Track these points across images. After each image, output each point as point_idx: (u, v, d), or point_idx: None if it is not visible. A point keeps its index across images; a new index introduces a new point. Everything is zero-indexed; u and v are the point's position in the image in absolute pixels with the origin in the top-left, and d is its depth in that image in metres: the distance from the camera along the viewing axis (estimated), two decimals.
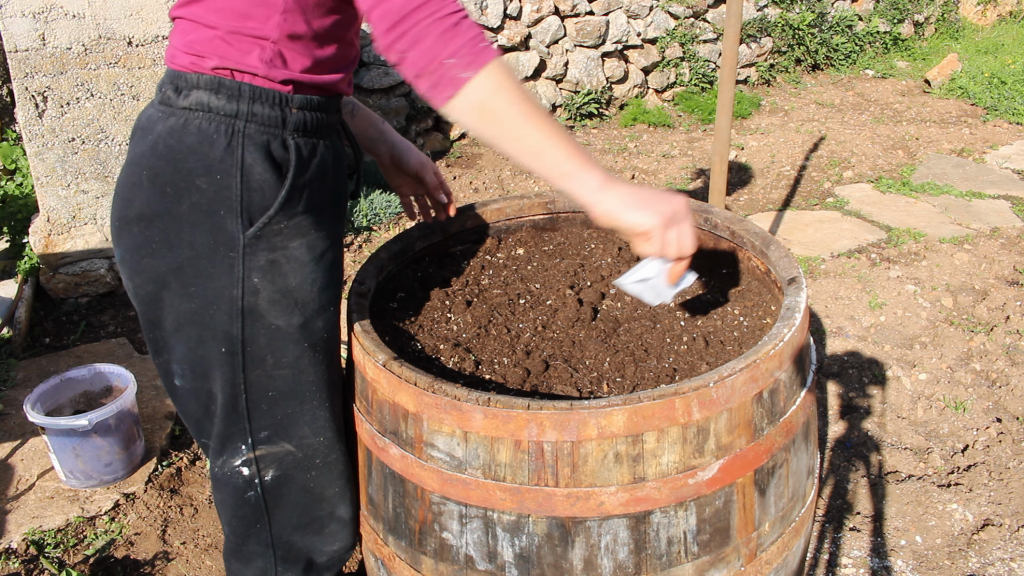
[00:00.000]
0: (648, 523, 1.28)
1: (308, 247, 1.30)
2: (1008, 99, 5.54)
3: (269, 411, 1.36)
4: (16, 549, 2.16)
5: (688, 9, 5.46)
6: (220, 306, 1.28)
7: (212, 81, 1.22)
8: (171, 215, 1.25)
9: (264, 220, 1.24)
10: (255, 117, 1.22)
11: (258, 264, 1.26)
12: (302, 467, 1.43)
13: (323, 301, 1.34)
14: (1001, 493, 2.29)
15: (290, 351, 1.33)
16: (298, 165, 1.26)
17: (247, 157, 1.22)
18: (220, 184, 1.22)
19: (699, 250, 1.81)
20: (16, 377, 2.83)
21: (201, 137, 1.22)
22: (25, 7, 2.91)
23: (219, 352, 1.31)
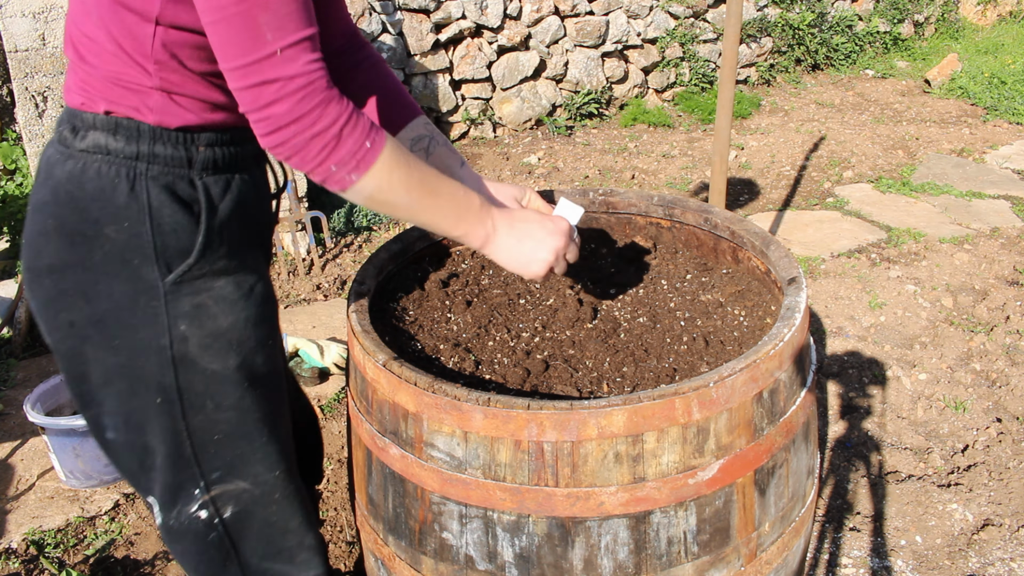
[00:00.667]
0: (648, 523, 1.28)
1: (235, 284, 1.24)
2: (1008, 99, 5.54)
3: (217, 453, 1.30)
4: (16, 549, 2.16)
5: (688, 9, 5.46)
6: (149, 357, 1.21)
7: (109, 122, 1.15)
8: (83, 266, 1.17)
9: (184, 268, 1.19)
10: (157, 158, 1.15)
11: (183, 310, 1.20)
12: (261, 503, 1.38)
13: (260, 337, 1.28)
14: (1001, 493, 2.29)
15: (231, 393, 1.27)
16: (209, 207, 1.20)
17: (153, 201, 1.15)
18: (130, 231, 1.15)
19: (699, 250, 1.81)
20: (16, 377, 2.84)
21: (102, 182, 1.14)
22: (25, 7, 2.91)
23: (154, 403, 1.24)
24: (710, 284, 1.70)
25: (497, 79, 4.95)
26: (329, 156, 1.07)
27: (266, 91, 1.03)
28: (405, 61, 4.68)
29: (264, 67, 1.02)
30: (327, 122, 1.06)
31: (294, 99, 1.04)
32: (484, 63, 4.86)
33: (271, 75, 1.02)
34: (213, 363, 1.24)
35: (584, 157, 4.78)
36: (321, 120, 1.06)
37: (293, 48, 1.03)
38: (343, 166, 1.09)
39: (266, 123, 1.05)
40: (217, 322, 1.23)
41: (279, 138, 1.06)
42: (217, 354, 1.24)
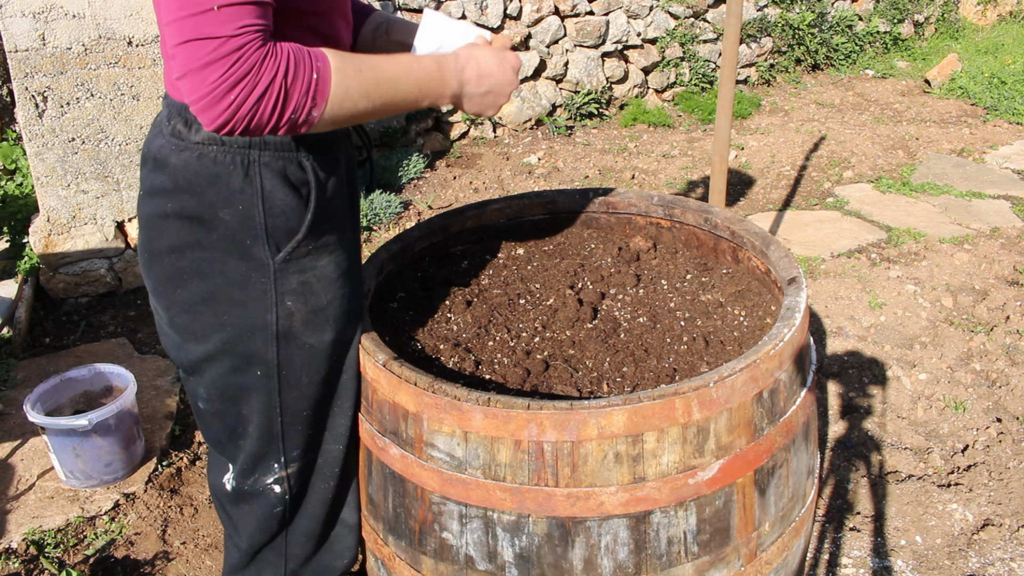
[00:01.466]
0: (648, 523, 1.28)
1: (336, 264, 1.32)
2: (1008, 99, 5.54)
3: (303, 430, 1.39)
4: (16, 549, 2.16)
5: (688, 9, 5.46)
6: (255, 332, 1.29)
7: None
8: (201, 246, 1.26)
9: (293, 244, 1.26)
10: (268, 145, 1.23)
11: (290, 287, 1.28)
12: (322, 475, 1.45)
13: (352, 313, 1.37)
14: (1001, 493, 2.29)
15: (323, 367, 1.35)
16: (319, 187, 1.27)
17: (266, 184, 1.23)
18: (243, 214, 1.23)
19: (699, 250, 1.81)
20: (16, 377, 2.84)
21: (218, 169, 1.22)
22: (25, 7, 2.91)
23: (255, 377, 1.32)
24: (710, 284, 1.70)
25: None
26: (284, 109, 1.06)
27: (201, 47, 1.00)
28: None
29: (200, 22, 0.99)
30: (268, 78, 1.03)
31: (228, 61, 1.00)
32: None
33: (207, 32, 1.00)
34: (312, 337, 1.31)
35: (584, 157, 4.78)
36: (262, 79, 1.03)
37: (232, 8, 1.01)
38: (301, 110, 1.08)
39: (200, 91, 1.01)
40: (319, 298, 1.30)
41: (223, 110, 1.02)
42: (316, 329, 1.31)
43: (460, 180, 4.47)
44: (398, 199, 4.09)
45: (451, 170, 4.58)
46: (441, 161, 4.66)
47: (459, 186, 4.43)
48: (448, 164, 4.65)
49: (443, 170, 4.58)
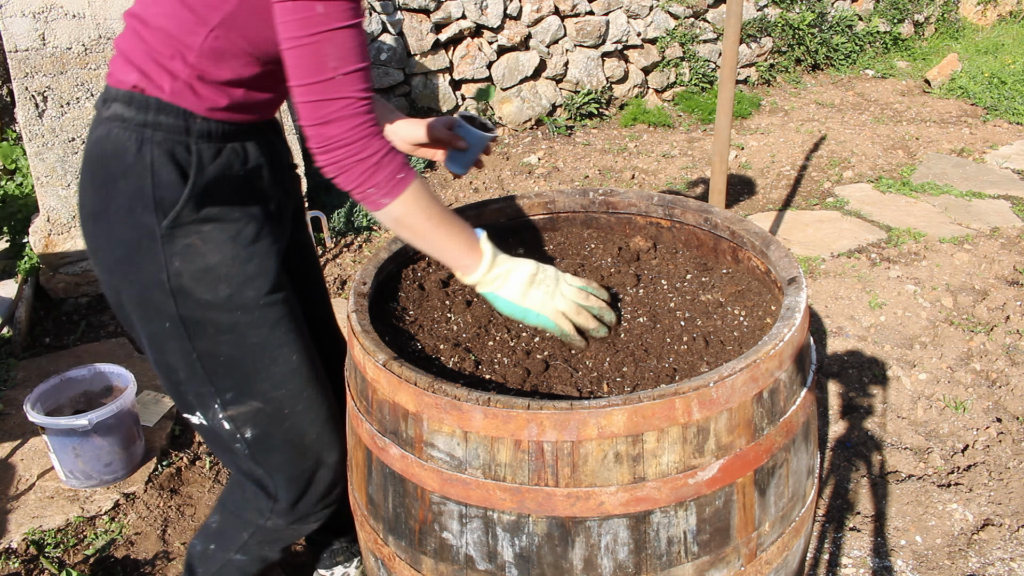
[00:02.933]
0: (648, 523, 1.28)
1: (221, 229, 1.45)
2: (1008, 99, 5.54)
3: (227, 374, 1.51)
4: (16, 549, 2.16)
5: (688, 9, 5.46)
6: (154, 289, 1.44)
7: (126, 96, 1.39)
8: (105, 213, 1.43)
9: (173, 214, 1.40)
10: (160, 126, 1.39)
11: (176, 250, 1.43)
12: (275, 420, 1.56)
13: (248, 273, 1.48)
14: (1001, 493, 2.29)
15: (225, 319, 1.47)
16: (199, 168, 1.42)
17: (155, 160, 1.39)
18: (135, 184, 1.39)
19: (699, 250, 1.81)
20: (16, 377, 2.84)
21: (118, 144, 1.39)
22: (25, 7, 2.91)
23: (165, 328, 1.47)
24: (710, 284, 1.70)
25: (497, 79, 4.95)
26: (368, 180, 1.30)
27: (326, 108, 1.25)
28: (405, 61, 4.68)
29: (326, 87, 1.25)
30: (371, 151, 1.29)
31: (349, 124, 1.26)
32: (484, 63, 4.86)
33: (331, 94, 1.25)
34: (205, 294, 1.45)
35: (584, 157, 4.78)
36: (367, 148, 1.28)
37: (352, 75, 1.26)
38: (379, 190, 1.31)
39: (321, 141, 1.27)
40: (206, 259, 1.44)
41: (331, 157, 1.29)
42: (208, 286, 1.45)
43: (460, 180, 4.47)
44: None
45: None
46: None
47: (459, 186, 4.43)
48: None
49: (443, 170, 4.58)
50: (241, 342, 1.50)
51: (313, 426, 1.60)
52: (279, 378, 1.54)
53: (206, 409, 1.55)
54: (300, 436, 1.59)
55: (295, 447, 1.60)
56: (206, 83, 1.38)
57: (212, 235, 1.45)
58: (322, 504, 1.69)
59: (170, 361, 1.51)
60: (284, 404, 1.56)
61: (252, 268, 1.49)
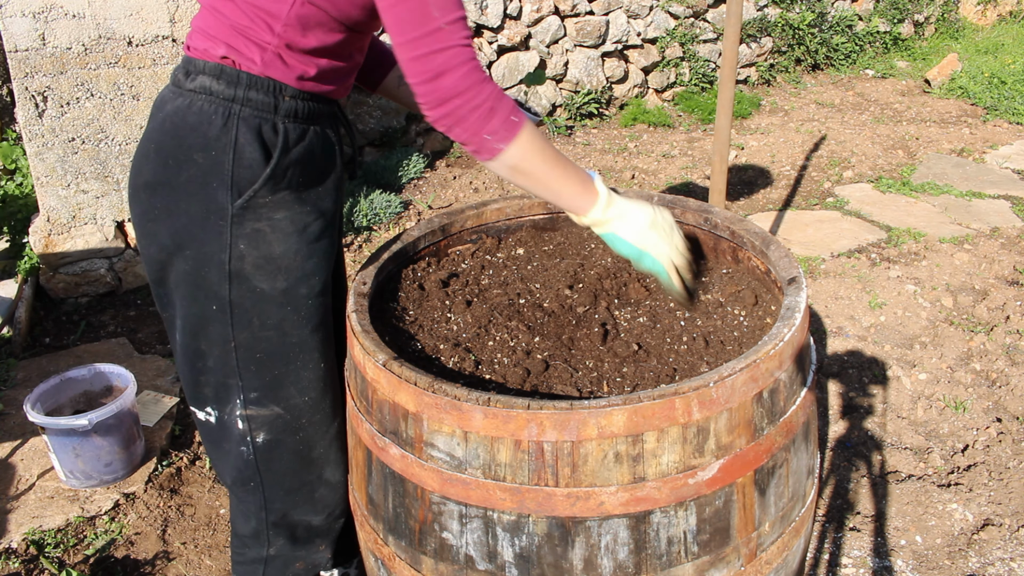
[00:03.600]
0: (648, 523, 1.28)
1: (291, 220, 1.42)
2: (1008, 99, 5.54)
3: (258, 372, 1.48)
4: (16, 549, 2.16)
5: (688, 9, 5.46)
6: (211, 268, 1.41)
7: (216, 68, 1.36)
8: (171, 185, 1.39)
9: (250, 193, 1.37)
10: (250, 102, 1.36)
11: (244, 232, 1.39)
12: (290, 429, 1.53)
13: (307, 269, 1.46)
14: (1001, 493, 2.29)
15: (274, 313, 1.45)
16: (284, 147, 1.39)
17: (240, 137, 1.36)
18: (214, 159, 1.36)
19: (699, 250, 1.81)
20: (16, 377, 2.84)
21: (202, 117, 1.36)
22: (25, 7, 2.91)
23: (211, 310, 1.44)
24: (710, 284, 1.70)
25: (497, 79, 4.95)
26: (484, 126, 1.27)
27: (436, 60, 1.22)
28: None
29: (433, 38, 1.22)
30: (484, 96, 1.26)
31: (461, 71, 1.23)
32: (484, 63, 4.86)
33: (439, 44, 1.22)
34: (263, 283, 1.42)
35: (584, 157, 4.78)
36: (480, 94, 1.25)
37: (455, 24, 1.23)
38: (494, 134, 1.28)
39: (434, 95, 1.24)
40: (271, 247, 1.41)
41: (445, 109, 1.25)
42: (267, 275, 1.42)
43: (460, 180, 4.47)
44: (398, 199, 4.09)
45: (451, 170, 4.58)
46: (441, 161, 4.66)
47: (459, 186, 4.43)
48: (448, 164, 4.65)
49: (443, 170, 4.58)
50: (282, 339, 1.47)
51: (323, 440, 1.58)
52: (306, 383, 1.52)
53: (224, 404, 1.51)
54: (309, 448, 1.56)
55: (301, 459, 1.57)
56: (294, 52, 1.35)
57: (281, 224, 1.42)
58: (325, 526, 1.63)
59: (203, 347, 1.47)
60: (303, 413, 1.53)
61: (311, 265, 1.47)
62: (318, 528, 1.63)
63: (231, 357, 1.46)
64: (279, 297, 1.44)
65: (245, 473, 1.56)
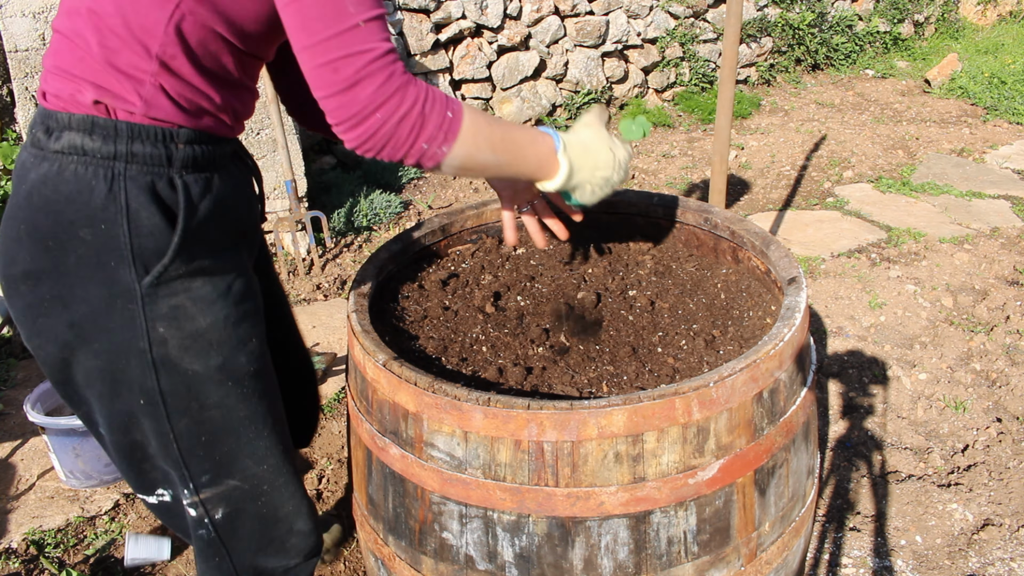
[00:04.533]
0: (648, 523, 1.28)
1: (212, 285, 1.22)
2: (1008, 99, 5.54)
3: (206, 455, 1.30)
4: (16, 549, 2.16)
5: (688, 9, 5.46)
6: (129, 360, 1.20)
7: (85, 121, 1.11)
8: (58, 271, 1.15)
9: (160, 268, 1.16)
10: (136, 157, 1.12)
11: (161, 312, 1.18)
12: (251, 496, 1.37)
13: (240, 335, 1.26)
14: (1001, 493, 2.29)
15: (214, 393, 1.26)
16: (188, 207, 1.16)
17: (132, 202, 1.12)
18: (106, 233, 1.13)
19: (699, 250, 1.81)
20: (16, 377, 2.84)
21: (79, 184, 1.12)
22: (25, 7, 2.91)
23: (139, 404, 1.24)
24: (710, 284, 1.70)
25: (497, 79, 4.95)
26: (419, 135, 1.10)
27: (352, 64, 1.04)
28: (405, 61, 4.67)
29: (347, 39, 1.03)
30: (410, 102, 1.08)
31: (380, 77, 1.05)
32: (484, 63, 4.86)
33: (355, 47, 1.04)
34: (194, 364, 1.22)
35: None
36: (404, 102, 1.07)
37: (373, 22, 1.05)
38: (433, 141, 1.11)
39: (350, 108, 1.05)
40: (196, 323, 1.21)
41: (367, 128, 1.07)
42: (198, 355, 1.22)
43: (460, 180, 4.47)
44: (398, 199, 4.09)
45: None
46: None
47: (459, 186, 4.43)
48: None
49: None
50: (229, 417, 1.28)
51: (291, 500, 1.42)
52: (262, 453, 1.34)
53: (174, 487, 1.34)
54: (274, 509, 1.41)
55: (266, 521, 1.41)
56: (177, 78, 1.12)
57: (202, 292, 1.20)
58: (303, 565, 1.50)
59: (137, 439, 1.28)
60: (264, 480, 1.37)
61: (244, 330, 1.27)
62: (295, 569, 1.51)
63: (172, 448, 1.27)
64: (216, 374, 1.24)
65: (208, 551, 1.40)
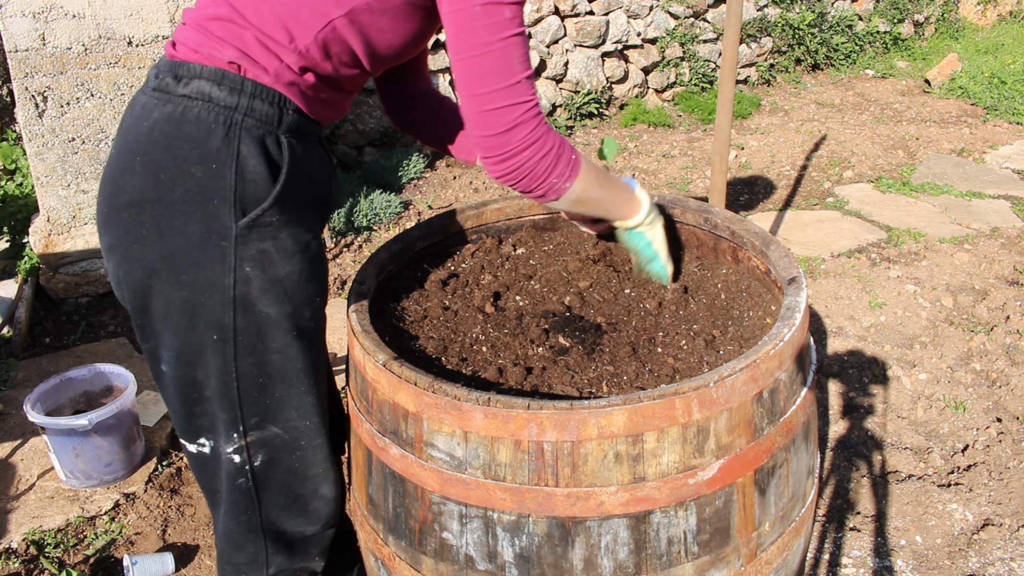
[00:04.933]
0: (648, 523, 1.28)
1: (294, 238, 1.33)
2: (1008, 99, 5.54)
3: (259, 398, 1.38)
4: (16, 549, 2.16)
5: (688, 9, 5.46)
6: (212, 295, 1.29)
7: (216, 72, 1.25)
8: (163, 202, 1.26)
9: (258, 212, 1.27)
10: (253, 112, 1.26)
11: (249, 254, 1.29)
12: (288, 448, 1.45)
13: (310, 291, 1.37)
14: (1001, 493, 2.29)
15: (279, 338, 1.35)
16: (292, 163, 1.30)
17: (243, 149, 1.25)
18: (215, 173, 1.24)
19: (699, 250, 1.81)
20: (16, 377, 2.84)
21: (199, 126, 1.24)
22: (25, 7, 2.91)
23: (211, 339, 1.32)
24: (710, 284, 1.70)
25: None
26: (551, 172, 1.34)
27: (512, 113, 1.26)
28: None
29: (513, 91, 1.25)
30: (550, 144, 1.32)
31: (532, 124, 1.28)
32: None
33: (517, 98, 1.26)
34: (269, 307, 1.32)
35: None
36: (547, 143, 1.31)
37: (529, 80, 1.27)
38: (561, 176, 1.35)
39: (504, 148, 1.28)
40: (277, 269, 1.31)
41: (514, 163, 1.30)
42: (273, 299, 1.32)
43: (460, 180, 4.47)
44: (398, 199, 4.09)
45: (451, 170, 4.58)
46: (441, 161, 4.66)
47: (459, 186, 4.43)
48: (448, 164, 4.65)
49: (443, 170, 4.58)
50: (287, 364, 1.37)
51: (323, 464, 1.50)
52: (308, 408, 1.43)
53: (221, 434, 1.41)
54: (306, 467, 1.49)
55: (297, 476, 1.49)
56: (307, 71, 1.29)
57: (286, 243, 1.32)
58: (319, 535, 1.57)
59: (199, 377, 1.36)
60: (303, 436, 1.45)
61: (314, 287, 1.38)
62: (312, 537, 1.57)
63: (232, 387, 1.35)
64: (285, 322, 1.34)
65: (241, 503, 1.47)
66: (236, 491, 1.46)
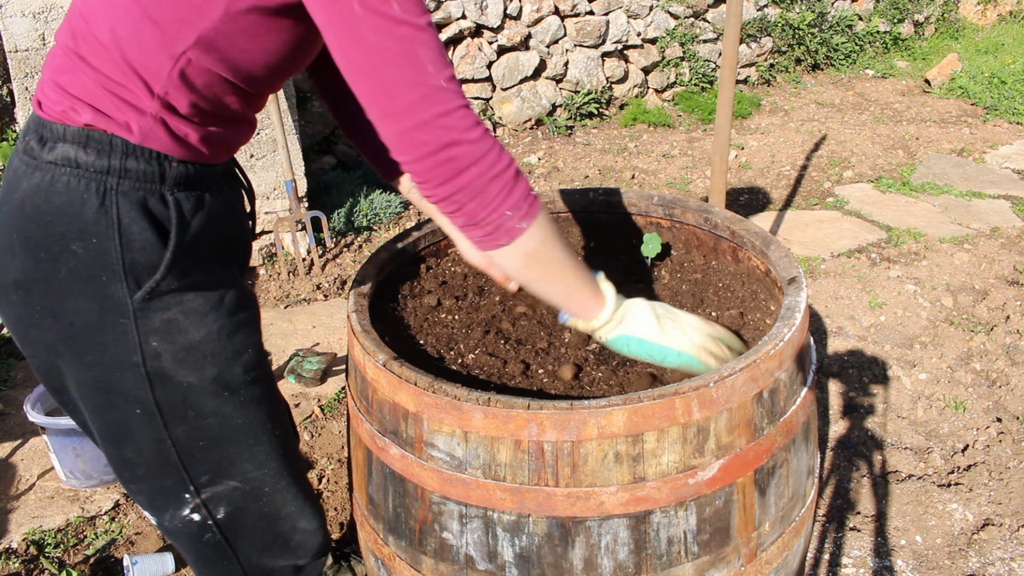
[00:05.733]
0: (648, 523, 1.28)
1: (204, 298, 1.22)
2: (1008, 99, 5.54)
3: (204, 458, 1.31)
4: (16, 549, 2.17)
5: (688, 9, 5.46)
6: (123, 372, 1.19)
7: (80, 134, 1.10)
8: (49, 283, 1.14)
9: (153, 282, 1.15)
10: (128, 173, 1.11)
11: (153, 327, 1.18)
12: (252, 497, 1.39)
13: (235, 346, 1.26)
14: (1001, 493, 2.29)
15: (210, 403, 1.26)
16: (180, 223, 1.16)
17: (124, 217, 1.11)
18: (98, 247, 1.12)
19: (699, 250, 1.81)
20: (16, 377, 2.84)
21: (70, 196, 1.10)
22: (25, 7, 2.91)
23: (134, 414, 1.23)
24: (710, 284, 1.70)
25: (497, 79, 4.95)
26: (506, 199, 1.06)
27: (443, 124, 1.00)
28: None
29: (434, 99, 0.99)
30: (504, 163, 1.05)
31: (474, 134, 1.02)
32: (484, 63, 4.86)
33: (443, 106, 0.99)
34: (189, 376, 1.22)
35: (584, 157, 4.78)
36: (500, 161, 1.04)
37: (452, 81, 1.01)
38: (516, 210, 1.07)
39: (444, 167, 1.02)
40: (189, 336, 1.20)
41: (458, 183, 1.03)
42: (192, 367, 1.22)
43: None
44: (398, 199, 4.09)
45: None
46: None
47: None
48: None
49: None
50: (226, 425, 1.29)
51: (294, 501, 1.44)
52: (262, 458, 1.36)
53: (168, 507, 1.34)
54: (276, 509, 1.43)
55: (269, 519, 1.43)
56: (177, 116, 1.12)
57: (194, 304, 1.20)
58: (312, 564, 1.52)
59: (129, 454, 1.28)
60: (265, 483, 1.38)
61: (239, 341, 1.27)
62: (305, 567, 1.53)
63: (171, 454, 1.27)
64: (211, 386, 1.24)
65: (213, 557, 1.41)
66: (205, 547, 1.39)
